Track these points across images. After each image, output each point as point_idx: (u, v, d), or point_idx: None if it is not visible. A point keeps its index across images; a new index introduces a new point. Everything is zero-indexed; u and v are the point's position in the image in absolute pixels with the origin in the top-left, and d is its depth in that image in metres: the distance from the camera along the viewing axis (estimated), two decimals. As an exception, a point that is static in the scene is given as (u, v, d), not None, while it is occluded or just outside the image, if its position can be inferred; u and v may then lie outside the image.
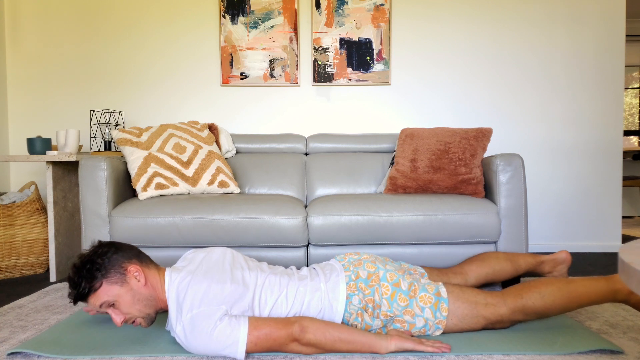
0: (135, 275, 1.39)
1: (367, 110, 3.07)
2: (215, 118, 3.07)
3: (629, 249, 0.87)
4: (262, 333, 1.28)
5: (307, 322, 1.30)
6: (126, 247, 1.46)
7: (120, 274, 1.38)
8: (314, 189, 2.53)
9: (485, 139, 2.22)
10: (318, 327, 1.30)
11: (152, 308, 1.42)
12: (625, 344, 1.41)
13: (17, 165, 3.10)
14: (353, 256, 1.60)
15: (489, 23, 3.06)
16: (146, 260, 1.48)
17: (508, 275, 1.76)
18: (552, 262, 1.79)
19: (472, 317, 1.43)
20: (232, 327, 1.27)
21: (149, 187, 2.12)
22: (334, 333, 1.30)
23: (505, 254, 1.80)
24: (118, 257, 1.41)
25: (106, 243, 1.45)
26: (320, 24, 3.02)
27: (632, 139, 5.46)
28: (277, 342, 1.29)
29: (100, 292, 1.35)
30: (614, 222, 3.09)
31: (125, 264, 1.40)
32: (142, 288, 1.39)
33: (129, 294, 1.37)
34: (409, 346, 1.33)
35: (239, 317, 1.30)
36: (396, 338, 1.35)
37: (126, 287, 1.37)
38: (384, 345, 1.32)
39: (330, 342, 1.30)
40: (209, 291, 1.33)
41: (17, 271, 2.53)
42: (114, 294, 1.36)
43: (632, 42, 5.29)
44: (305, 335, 1.28)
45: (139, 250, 1.51)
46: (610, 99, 3.07)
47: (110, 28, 3.04)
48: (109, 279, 1.36)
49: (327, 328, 1.31)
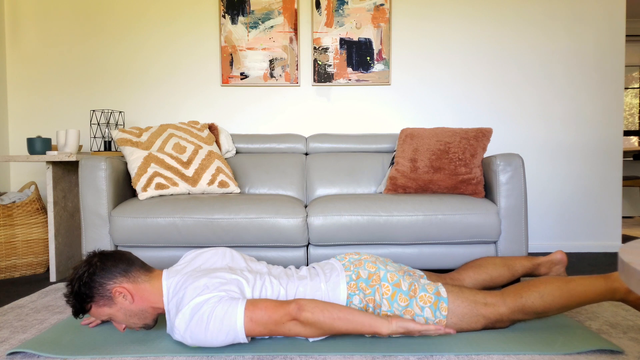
0: (122, 296, 1.39)
1: (367, 110, 3.07)
2: (215, 118, 3.07)
3: (629, 249, 0.87)
4: (258, 311, 1.27)
5: (305, 300, 1.29)
6: (112, 264, 1.40)
7: (106, 297, 1.38)
8: (314, 189, 2.53)
9: (485, 139, 2.22)
10: (316, 305, 1.27)
11: (147, 319, 1.44)
12: (625, 344, 1.41)
13: (17, 165, 3.10)
14: (353, 256, 1.59)
15: (489, 23, 3.06)
16: (135, 271, 1.43)
17: (505, 281, 1.76)
18: (548, 264, 1.79)
19: (471, 317, 1.44)
20: (228, 306, 1.28)
21: (149, 187, 2.12)
22: (332, 311, 1.27)
23: (502, 259, 1.79)
24: (102, 280, 1.37)
25: (93, 261, 1.40)
26: (320, 24, 3.02)
27: (632, 139, 5.46)
28: (275, 320, 1.27)
29: (92, 312, 1.40)
30: (614, 222, 3.09)
31: (109, 286, 1.37)
32: (132, 306, 1.40)
33: (120, 312, 1.40)
34: (410, 326, 1.27)
35: (236, 299, 1.30)
36: (397, 318, 1.30)
37: (115, 308, 1.39)
38: (385, 325, 1.27)
39: (329, 320, 1.26)
40: (208, 283, 1.35)
41: (17, 271, 2.53)
42: (106, 314, 1.40)
43: (632, 42, 5.29)
44: (303, 314, 1.25)
45: (128, 261, 1.44)
46: (610, 99, 3.07)
47: (111, 28, 3.04)
48: (96, 303, 1.38)
49: (326, 306, 1.28)
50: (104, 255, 1.43)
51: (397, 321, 1.28)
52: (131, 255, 1.48)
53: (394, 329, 1.27)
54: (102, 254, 1.43)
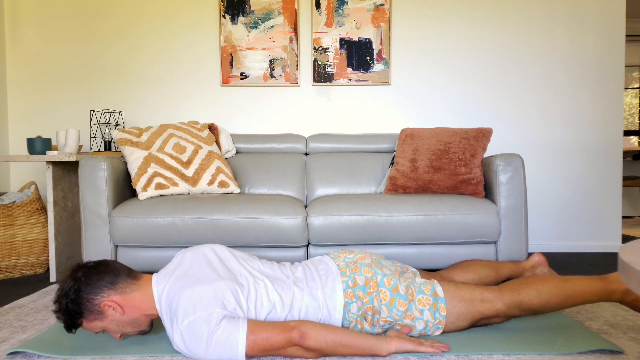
0: (112, 309, 1.36)
1: (367, 110, 3.07)
2: (215, 118, 3.07)
3: (629, 249, 0.87)
4: (260, 337, 1.27)
5: (307, 327, 1.29)
6: (95, 279, 1.36)
7: (95, 312, 1.35)
8: (314, 189, 2.53)
9: (485, 139, 2.22)
10: (318, 333, 1.29)
11: (141, 326, 1.41)
12: (625, 344, 1.41)
13: (17, 165, 3.10)
14: (348, 255, 1.57)
15: (489, 23, 3.06)
16: (122, 282, 1.39)
17: (492, 282, 1.78)
18: (531, 268, 1.83)
19: (468, 314, 1.45)
20: (230, 331, 1.26)
21: (149, 187, 2.12)
22: (335, 338, 1.30)
23: (489, 262, 1.83)
24: (89, 296, 1.34)
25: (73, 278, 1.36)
26: (320, 24, 3.02)
27: (632, 139, 5.46)
28: (276, 347, 1.28)
29: (84, 326, 1.38)
30: (614, 222, 3.09)
31: (97, 301, 1.35)
32: (123, 317, 1.38)
33: (112, 324, 1.38)
34: (408, 347, 1.34)
35: (237, 320, 1.28)
36: (395, 339, 1.35)
37: (106, 320, 1.37)
38: (385, 347, 1.33)
39: (331, 347, 1.30)
40: (202, 294, 1.31)
41: (17, 271, 2.53)
42: (99, 327, 1.38)
43: (632, 42, 5.29)
44: (306, 342, 1.28)
45: (113, 270, 1.41)
46: (610, 99, 3.07)
47: (111, 28, 3.04)
48: (87, 319, 1.36)
49: (328, 333, 1.30)
50: (87, 268, 1.38)
51: (396, 343, 1.35)
52: (116, 264, 1.43)
53: (393, 351, 1.34)
54: (85, 267, 1.39)
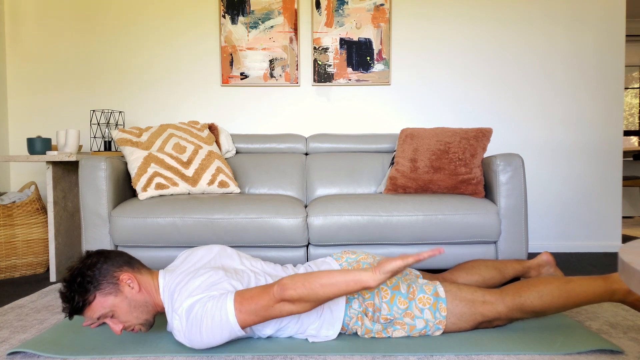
0: (129, 283, 1.37)
1: (367, 110, 3.07)
2: (215, 118, 3.07)
3: (629, 249, 0.87)
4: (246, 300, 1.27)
5: (286, 278, 1.27)
6: (115, 255, 1.42)
7: (112, 284, 1.35)
8: (314, 189, 2.53)
9: (485, 139, 2.22)
10: (297, 280, 1.26)
11: (149, 313, 1.41)
12: (625, 344, 1.41)
13: (17, 165, 3.10)
14: (351, 256, 1.59)
15: (489, 23, 3.06)
16: (137, 265, 1.45)
17: (497, 283, 1.75)
18: (537, 267, 1.80)
19: (469, 315, 1.44)
20: (217, 302, 1.28)
21: (149, 187, 2.12)
22: (313, 281, 1.25)
23: (493, 262, 1.79)
24: (108, 266, 1.37)
25: (94, 253, 1.41)
26: (320, 24, 3.02)
27: (632, 139, 5.46)
28: (263, 306, 1.27)
29: (95, 304, 1.33)
30: (614, 222, 3.09)
31: (116, 273, 1.37)
32: (137, 295, 1.38)
33: (124, 303, 1.36)
34: (397, 264, 1.24)
35: (225, 294, 1.30)
36: (379, 266, 1.25)
37: (121, 296, 1.36)
38: (372, 277, 1.24)
39: (313, 291, 1.24)
40: (201, 283, 1.34)
41: (17, 271, 2.53)
42: (110, 305, 1.34)
43: (632, 42, 5.29)
44: (286, 292, 1.24)
45: (129, 256, 1.47)
46: (610, 99, 3.07)
47: (111, 28, 3.04)
48: (102, 291, 1.34)
49: (307, 277, 1.26)
50: (103, 250, 1.43)
51: (381, 267, 1.24)
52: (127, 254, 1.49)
53: (381, 278, 1.24)
54: (100, 250, 1.43)
